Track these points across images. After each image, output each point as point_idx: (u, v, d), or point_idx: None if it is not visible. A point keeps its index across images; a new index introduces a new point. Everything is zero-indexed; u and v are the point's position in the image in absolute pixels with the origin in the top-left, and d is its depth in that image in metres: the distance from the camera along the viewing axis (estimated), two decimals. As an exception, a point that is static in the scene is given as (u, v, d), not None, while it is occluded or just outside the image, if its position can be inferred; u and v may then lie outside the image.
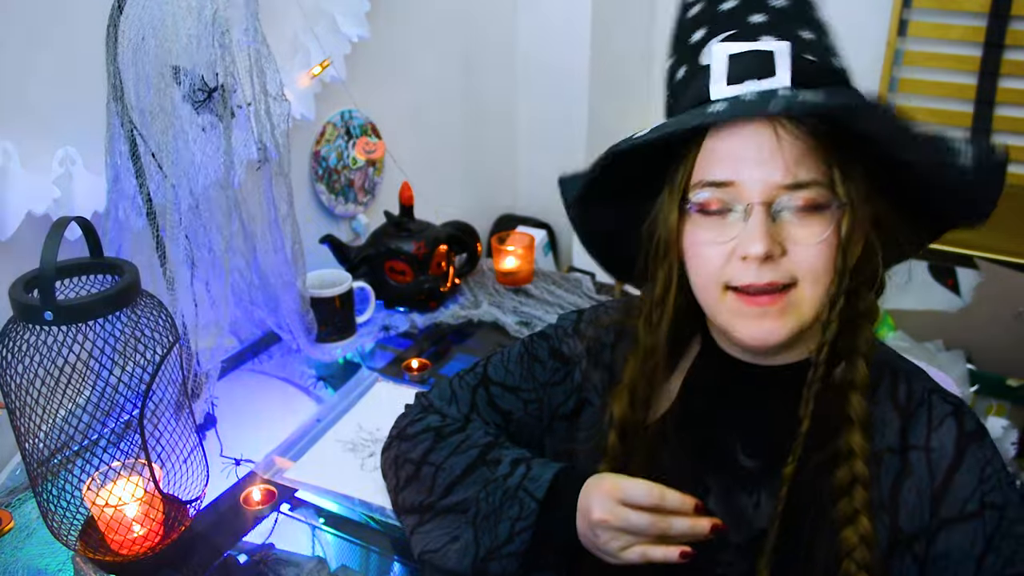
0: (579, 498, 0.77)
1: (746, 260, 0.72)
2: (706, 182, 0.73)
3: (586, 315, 0.97)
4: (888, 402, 0.79)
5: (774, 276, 0.72)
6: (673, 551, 0.71)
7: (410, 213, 1.63)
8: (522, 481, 0.82)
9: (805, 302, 0.73)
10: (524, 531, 0.79)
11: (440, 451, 0.90)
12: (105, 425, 0.93)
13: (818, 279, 0.73)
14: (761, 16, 0.76)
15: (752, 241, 0.71)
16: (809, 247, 0.72)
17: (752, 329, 0.74)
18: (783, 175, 0.70)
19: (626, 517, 0.72)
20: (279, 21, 1.48)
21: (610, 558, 0.75)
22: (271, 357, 1.44)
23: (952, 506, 0.75)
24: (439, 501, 0.87)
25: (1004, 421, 1.59)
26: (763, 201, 0.71)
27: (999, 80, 2.06)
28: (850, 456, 0.75)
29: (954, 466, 0.76)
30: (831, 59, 0.77)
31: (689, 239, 0.77)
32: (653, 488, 0.72)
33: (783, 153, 0.70)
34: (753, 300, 0.73)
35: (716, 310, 0.77)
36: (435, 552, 0.84)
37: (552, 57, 2.19)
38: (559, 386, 0.94)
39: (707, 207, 0.74)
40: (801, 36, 0.76)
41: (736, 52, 0.73)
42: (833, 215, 0.72)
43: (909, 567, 0.75)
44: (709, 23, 0.78)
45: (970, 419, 0.79)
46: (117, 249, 1.14)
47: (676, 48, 0.82)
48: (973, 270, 2.02)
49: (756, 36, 0.75)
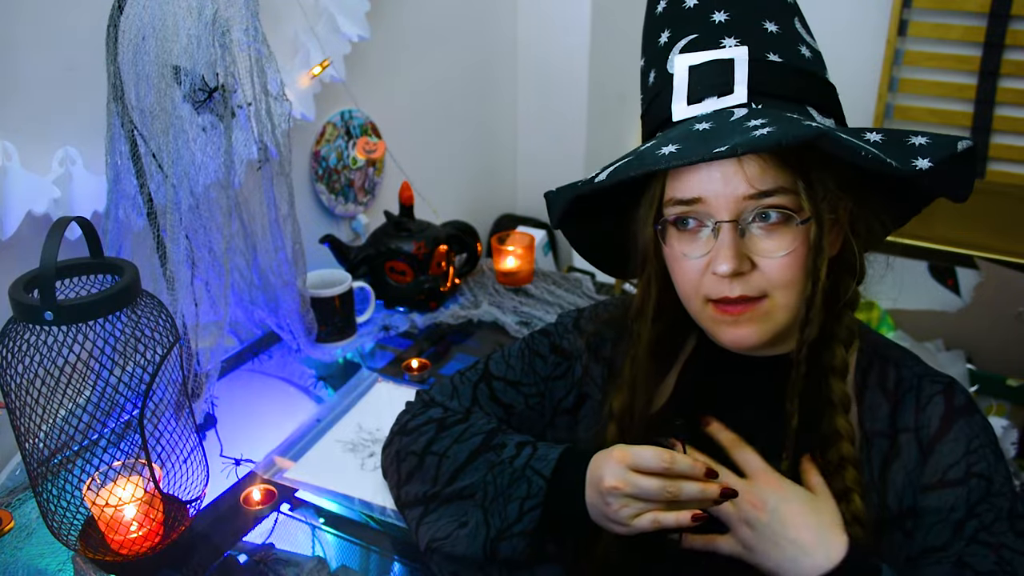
0: (588, 471, 0.79)
1: (717, 276, 0.75)
2: (676, 199, 0.76)
3: (587, 312, 0.99)
4: (877, 388, 0.81)
5: (744, 290, 0.75)
6: (685, 515, 0.73)
7: (410, 213, 1.63)
8: (529, 461, 0.83)
9: (778, 309, 0.76)
10: (533, 509, 0.80)
11: (443, 440, 0.91)
12: (105, 425, 0.93)
13: (789, 287, 0.75)
14: (723, 14, 0.77)
15: (721, 260, 0.74)
16: (777, 260, 0.74)
17: (731, 334, 0.77)
18: (747, 188, 0.73)
19: (637, 482, 0.73)
20: (279, 21, 1.48)
21: (620, 527, 0.76)
22: (271, 357, 1.44)
23: (934, 472, 0.77)
24: (444, 489, 0.88)
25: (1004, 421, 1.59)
26: (730, 219, 0.73)
27: (999, 80, 2.06)
28: (836, 438, 0.78)
29: (939, 436, 0.78)
30: (798, 49, 0.78)
31: (669, 251, 0.79)
32: (663, 453, 0.73)
33: (745, 170, 0.72)
34: (727, 310, 0.76)
35: (699, 317, 0.80)
36: (444, 539, 0.85)
37: (552, 57, 2.19)
38: (560, 380, 0.95)
39: (681, 222, 0.77)
40: (765, 30, 0.77)
41: (696, 64, 0.76)
42: (800, 226, 0.74)
43: (900, 543, 0.78)
44: (674, 23, 0.80)
45: (960, 395, 0.81)
46: (117, 249, 1.14)
47: (645, 48, 0.84)
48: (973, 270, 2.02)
49: (718, 39, 0.76)
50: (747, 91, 0.74)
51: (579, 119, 2.22)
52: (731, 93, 0.74)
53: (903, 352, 0.85)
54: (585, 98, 2.19)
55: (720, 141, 0.68)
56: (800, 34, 0.79)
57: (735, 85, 0.74)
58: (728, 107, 0.74)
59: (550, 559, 0.82)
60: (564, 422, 0.95)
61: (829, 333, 0.79)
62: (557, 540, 0.83)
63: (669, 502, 0.73)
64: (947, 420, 0.79)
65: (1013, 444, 1.57)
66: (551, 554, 0.82)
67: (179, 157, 1.08)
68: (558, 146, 2.27)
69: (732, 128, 0.70)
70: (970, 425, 0.79)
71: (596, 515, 0.78)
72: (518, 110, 2.30)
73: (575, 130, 2.24)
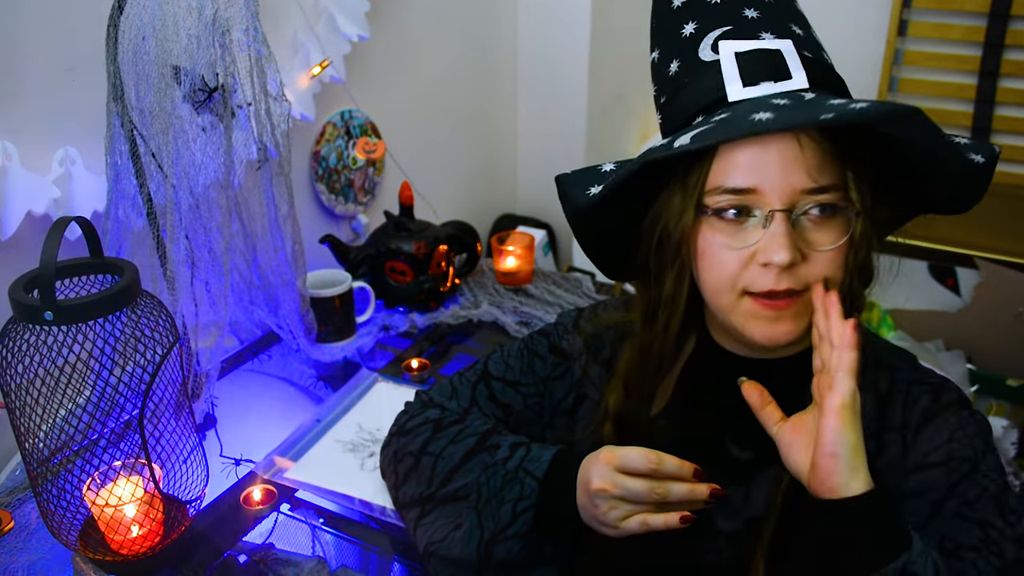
0: (579, 473, 0.78)
1: (767, 267, 0.72)
2: (726, 188, 0.73)
3: (586, 312, 0.98)
4: (869, 392, 0.80)
5: (792, 283, 0.73)
6: (673, 517, 0.72)
7: (410, 213, 1.63)
8: (522, 463, 0.83)
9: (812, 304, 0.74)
10: (526, 511, 0.80)
11: (438, 441, 0.91)
12: (105, 425, 0.93)
13: (832, 283, 0.74)
14: (754, 11, 0.76)
15: (776, 249, 0.71)
16: (826, 253, 0.72)
17: (767, 330, 0.75)
18: (806, 180, 0.71)
19: (624, 484, 0.72)
20: (279, 21, 1.48)
21: (610, 530, 0.75)
22: (271, 357, 1.44)
23: (915, 458, 0.77)
24: (440, 490, 0.88)
25: (1004, 421, 1.59)
26: (784, 208, 0.71)
27: (999, 80, 2.06)
28: None
29: (921, 428, 0.78)
30: (822, 53, 0.77)
31: (703, 242, 0.76)
32: (650, 454, 0.72)
33: (805, 160, 0.71)
34: (771, 304, 0.74)
35: (729, 311, 0.77)
36: (440, 542, 0.85)
37: (552, 57, 2.19)
38: (559, 381, 0.94)
39: (725, 212, 0.74)
40: (794, 31, 0.76)
41: (743, 51, 0.73)
42: (847, 219, 0.73)
43: None
44: (700, 16, 0.78)
45: (950, 392, 0.80)
46: (117, 249, 1.14)
47: (661, 40, 0.82)
48: (973, 270, 2.02)
49: (755, 32, 0.75)
50: (806, 78, 0.72)
51: (579, 119, 2.22)
52: (788, 79, 0.72)
53: (900, 356, 0.85)
54: (585, 98, 2.19)
55: (815, 111, 0.65)
56: (819, 41, 0.78)
57: (792, 71, 0.72)
58: (790, 91, 0.72)
59: (546, 562, 0.82)
60: (563, 423, 0.94)
61: None
62: (554, 543, 0.82)
63: (658, 504, 0.72)
64: (930, 413, 0.78)
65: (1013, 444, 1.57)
66: (547, 557, 0.82)
67: (179, 157, 1.08)
68: (558, 146, 2.27)
69: (814, 103, 0.68)
70: (956, 416, 0.78)
71: (587, 517, 0.77)
72: (518, 110, 2.30)
73: (575, 130, 2.24)
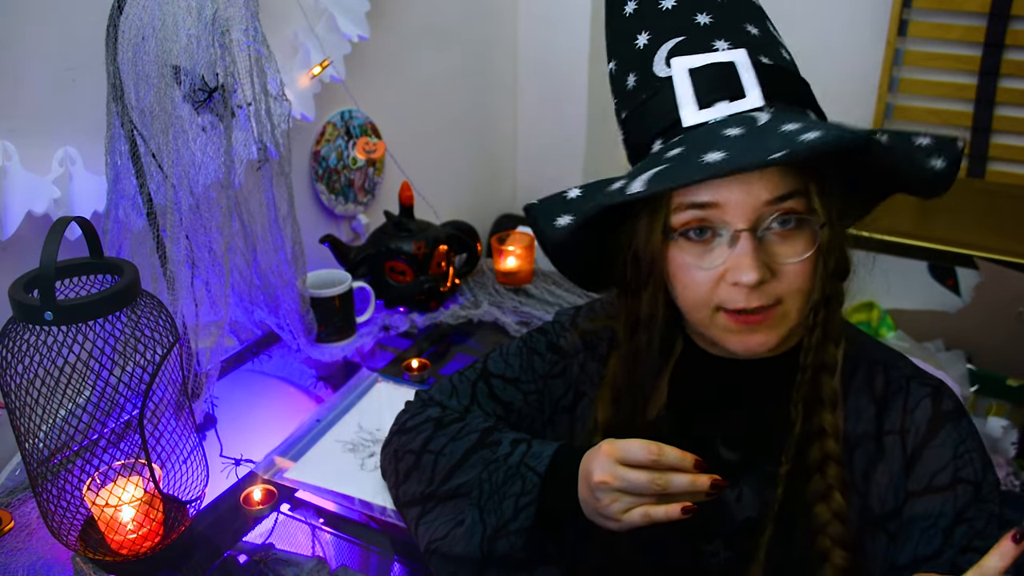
0: (580, 467, 0.78)
1: (737, 286, 0.73)
2: (689, 203, 0.73)
3: (583, 310, 0.98)
4: (864, 392, 0.81)
5: (763, 300, 0.73)
6: (675, 508, 0.71)
7: (410, 213, 1.63)
8: (523, 458, 0.83)
9: (791, 313, 0.75)
10: (528, 506, 0.80)
11: (439, 439, 0.91)
12: (105, 425, 0.93)
13: (802, 292, 0.74)
14: (706, 16, 0.75)
15: (745, 270, 0.71)
16: (794, 265, 0.73)
17: (744, 342, 0.76)
18: (767, 192, 0.71)
19: (625, 476, 0.72)
20: (279, 21, 1.48)
21: (612, 523, 0.75)
22: (271, 357, 1.44)
23: (921, 478, 0.77)
24: (440, 487, 0.88)
25: (1004, 421, 1.59)
26: (749, 227, 0.72)
27: (999, 80, 2.06)
28: (822, 435, 0.77)
29: (926, 441, 0.78)
30: (780, 52, 0.77)
31: (674, 264, 0.77)
32: (651, 445, 0.72)
33: (764, 174, 0.71)
34: (744, 319, 0.75)
35: (706, 326, 0.78)
36: (442, 539, 0.85)
37: (552, 57, 2.19)
38: (558, 379, 0.94)
39: (691, 230, 0.74)
40: (750, 33, 0.76)
41: (696, 67, 0.73)
42: (813, 229, 0.73)
43: (883, 545, 0.78)
44: (652, 26, 0.77)
45: (948, 399, 0.80)
46: (117, 249, 1.14)
47: (617, 50, 0.81)
48: (973, 270, 2.02)
49: (708, 42, 0.75)
50: (761, 95, 0.72)
51: (579, 119, 2.22)
52: (743, 97, 0.72)
53: (892, 354, 0.85)
54: (585, 98, 2.19)
55: (766, 146, 0.66)
56: (776, 36, 0.78)
57: (747, 89, 0.72)
58: (744, 111, 0.72)
59: (549, 560, 0.82)
60: (564, 420, 0.94)
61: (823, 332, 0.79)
62: (557, 540, 0.82)
63: (660, 496, 0.72)
64: (934, 424, 0.78)
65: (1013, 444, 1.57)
66: (550, 555, 0.82)
67: (179, 157, 1.08)
68: (558, 146, 2.27)
69: (767, 132, 0.68)
70: (957, 430, 0.78)
71: (589, 511, 0.77)
72: (518, 110, 2.30)
73: (575, 130, 2.24)
